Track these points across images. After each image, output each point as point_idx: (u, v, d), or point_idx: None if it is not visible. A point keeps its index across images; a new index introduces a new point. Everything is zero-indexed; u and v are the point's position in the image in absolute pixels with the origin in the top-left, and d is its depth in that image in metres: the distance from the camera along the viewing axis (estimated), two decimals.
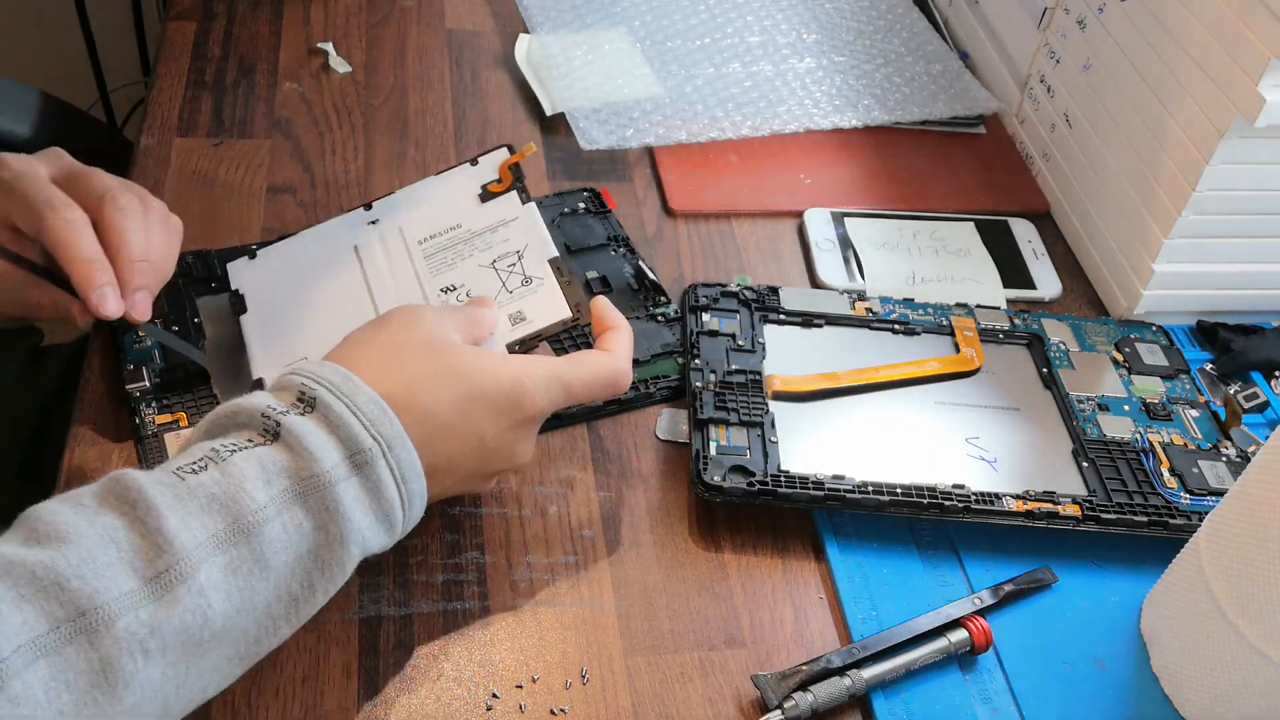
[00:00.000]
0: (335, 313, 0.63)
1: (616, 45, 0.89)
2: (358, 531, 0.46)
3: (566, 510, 0.60)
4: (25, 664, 0.38)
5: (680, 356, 0.66)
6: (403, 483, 0.48)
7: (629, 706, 0.52)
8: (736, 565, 0.59)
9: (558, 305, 0.60)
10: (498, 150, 0.68)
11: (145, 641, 0.40)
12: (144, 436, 0.58)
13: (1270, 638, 0.49)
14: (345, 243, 0.66)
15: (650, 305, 0.69)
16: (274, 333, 0.63)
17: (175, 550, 0.41)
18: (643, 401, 0.64)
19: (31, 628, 0.38)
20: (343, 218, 0.67)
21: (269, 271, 0.66)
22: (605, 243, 0.72)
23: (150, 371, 0.61)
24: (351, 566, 0.47)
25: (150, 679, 0.41)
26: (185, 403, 0.60)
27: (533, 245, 0.63)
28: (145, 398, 0.60)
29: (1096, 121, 0.76)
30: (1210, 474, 0.62)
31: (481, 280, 0.62)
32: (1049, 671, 0.55)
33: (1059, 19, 0.81)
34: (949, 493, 0.59)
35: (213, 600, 0.42)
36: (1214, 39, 0.64)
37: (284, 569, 0.44)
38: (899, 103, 0.87)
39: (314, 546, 0.45)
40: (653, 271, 0.71)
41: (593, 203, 0.75)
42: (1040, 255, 0.78)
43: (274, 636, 0.46)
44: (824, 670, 0.53)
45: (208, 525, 0.43)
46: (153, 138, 0.77)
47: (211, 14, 0.88)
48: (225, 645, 0.43)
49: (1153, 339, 0.71)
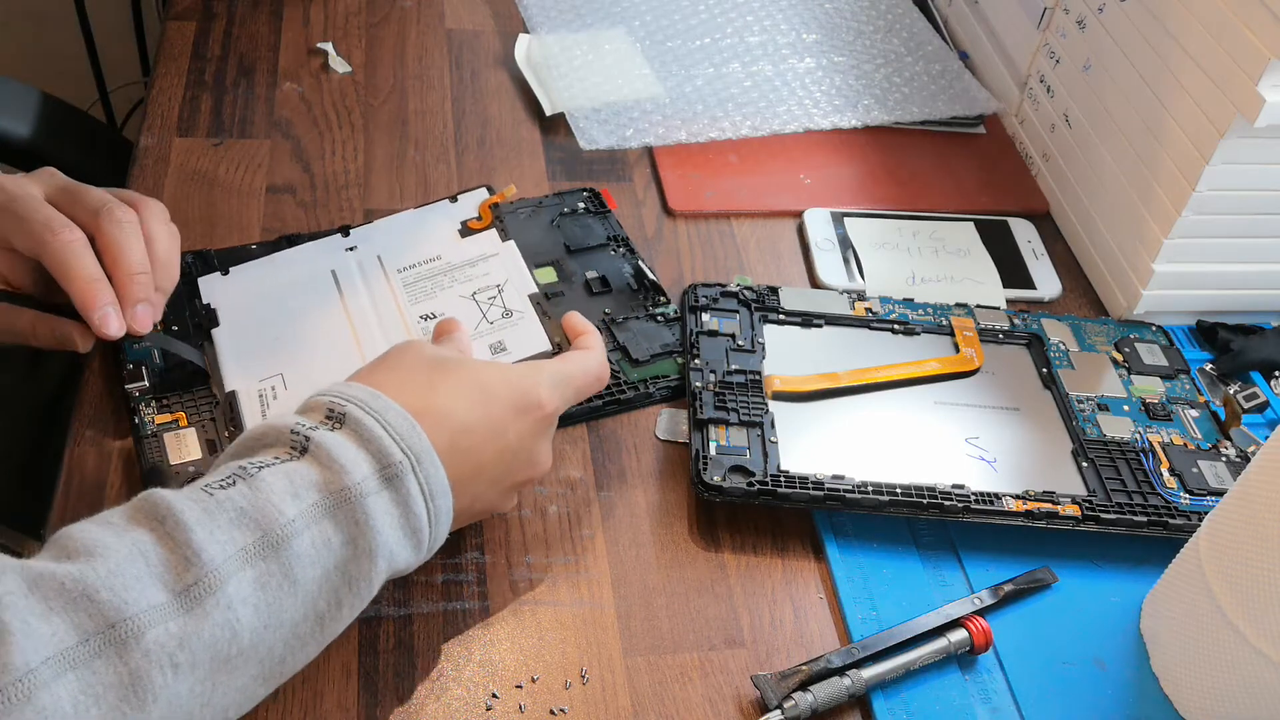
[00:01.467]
0: (311, 332, 0.63)
1: (616, 45, 0.89)
2: (386, 546, 0.46)
3: (566, 510, 0.60)
4: (54, 676, 0.37)
5: (680, 356, 0.66)
6: (430, 499, 0.48)
7: (629, 706, 0.52)
8: (736, 565, 0.59)
9: (538, 338, 0.63)
10: (477, 190, 0.70)
11: (175, 655, 0.40)
12: (143, 436, 0.58)
13: (1270, 638, 0.49)
14: (322, 266, 0.67)
15: (650, 305, 0.69)
16: (246, 348, 0.63)
17: (204, 563, 0.41)
18: (642, 401, 0.64)
19: (61, 639, 0.38)
20: (319, 242, 0.68)
21: (242, 288, 0.66)
22: (605, 242, 0.72)
23: (150, 371, 0.61)
24: (378, 584, 0.47)
25: (178, 694, 0.40)
26: (185, 402, 0.60)
27: (513, 280, 0.65)
28: (144, 397, 0.60)
29: (1096, 122, 0.76)
30: (1210, 474, 0.62)
31: (462, 311, 0.64)
32: (1049, 671, 0.55)
33: (1059, 19, 0.81)
34: (949, 493, 0.59)
35: (241, 615, 0.42)
36: (1214, 39, 0.64)
37: (312, 584, 0.44)
38: (899, 103, 0.87)
39: (342, 561, 0.45)
40: (652, 271, 0.70)
41: (593, 202, 0.75)
42: (1040, 255, 0.78)
43: (298, 656, 0.45)
44: (824, 670, 0.53)
45: (237, 539, 0.43)
46: (152, 138, 0.77)
47: (211, 14, 0.88)
48: (252, 664, 0.43)
49: (1152, 339, 0.71)
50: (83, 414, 0.61)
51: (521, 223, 0.73)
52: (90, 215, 0.57)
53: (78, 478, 0.58)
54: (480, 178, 0.78)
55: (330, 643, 0.47)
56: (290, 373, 0.61)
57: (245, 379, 0.61)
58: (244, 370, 0.61)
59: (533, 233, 0.72)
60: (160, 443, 0.58)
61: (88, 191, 0.58)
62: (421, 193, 0.76)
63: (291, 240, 0.70)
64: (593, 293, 0.69)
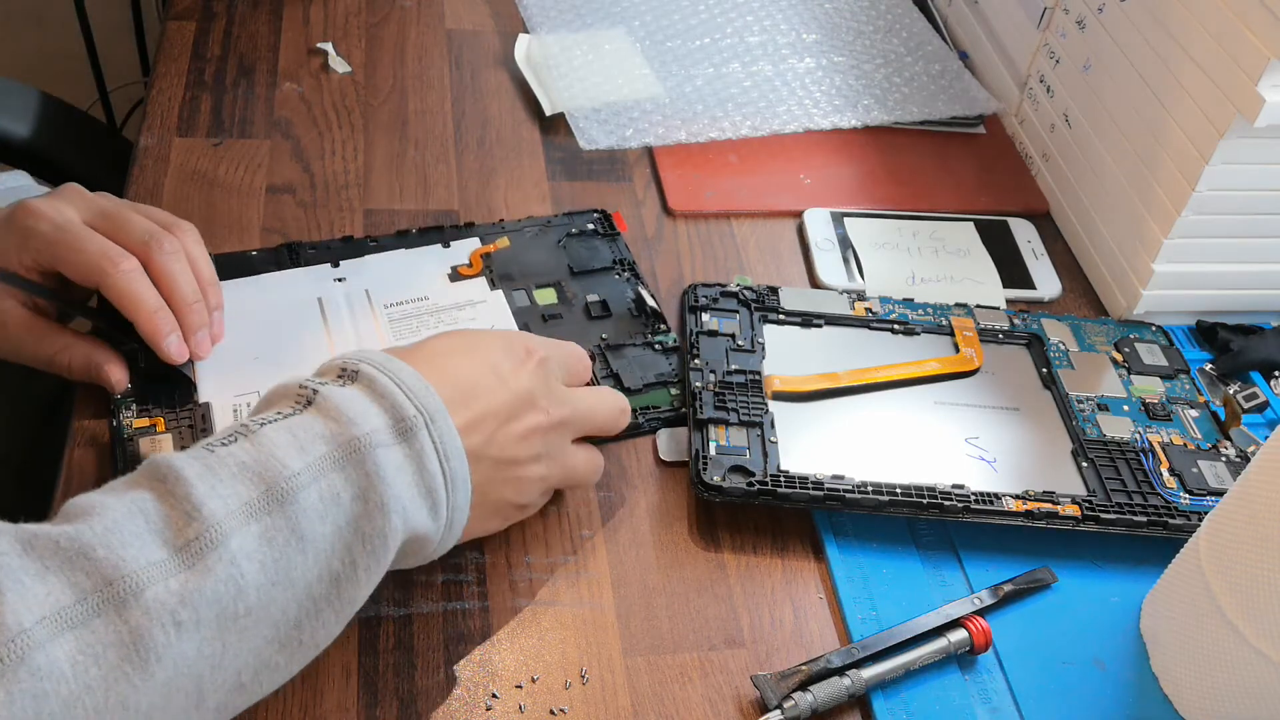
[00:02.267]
0: (292, 355, 0.63)
1: (616, 45, 0.89)
2: (399, 501, 0.45)
3: (566, 510, 0.60)
4: (50, 636, 0.37)
5: (674, 386, 0.65)
6: (445, 459, 0.47)
7: (628, 706, 0.52)
8: (736, 565, 0.59)
9: None
10: (469, 238, 0.71)
11: (176, 612, 0.39)
12: (120, 439, 0.58)
13: (1270, 638, 0.49)
14: (308, 293, 0.67)
15: (648, 332, 0.68)
16: (226, 364, 0.62)
17: (204, 518, 0.41)
18: (632, 432, 0.63)
19: (57, 599, 0.37)
20: (307, 270, 0.68)
21: (227, 306, 0.64)
22: (610, 266, 0.72)
23: (134, 373, 0.61)
24: (395, 543, 0.46)
25: (184, 653, 0.39)
26: (165, 409, 0.60)
27: (500, 328, 0.65)
28: (125, 399, 0.60)
29: (1096, 122, 0.76)
30: (1210, 474, 0.62)
31: None
32: (1048, 672, 0.55)
33: (1059, 19, 0.81)
34: (948, 493, 0.59)
35: (246, 570, 0.41)
36: (1214, 39, 0.64)
37: (323, 541, 0.43)
38: (898, 103, 0.87)
39: (353, 517, 0.44)
40: (654, 298, 0.69)
41: (603, 224, 0.75)
42: (1040, 255, 0.78)
43: (317, 621, 0.44)
44: (823, 670, 0.53)
45: (240, 493, 0.42)
46: (152, 138, 0.77)
47: (211, 14, 0.88)
48: (264, 625, 0.42)
49: (1152, 339, 0.71)
50: (82, 414, 0.61)
51: (527, 241, 0.72)
52: (138, 245, 0.58)
53: (77, 478, 0.58)
54: (480, 178, 0.78)
55: (353, 614, 0.46)
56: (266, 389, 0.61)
57: (221, 393, 0.61)
58: (221, 385, 0.61)
59: (538, 252, 0.72)
60: (136, 447, 0.58)
61: (128, 220, 0.59)
62: (421, 193, 0.76)
63: (291, 248, 0.69)
64: (592, 317, 0.68)
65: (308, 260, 0.69)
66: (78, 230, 0.57)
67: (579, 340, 0.66)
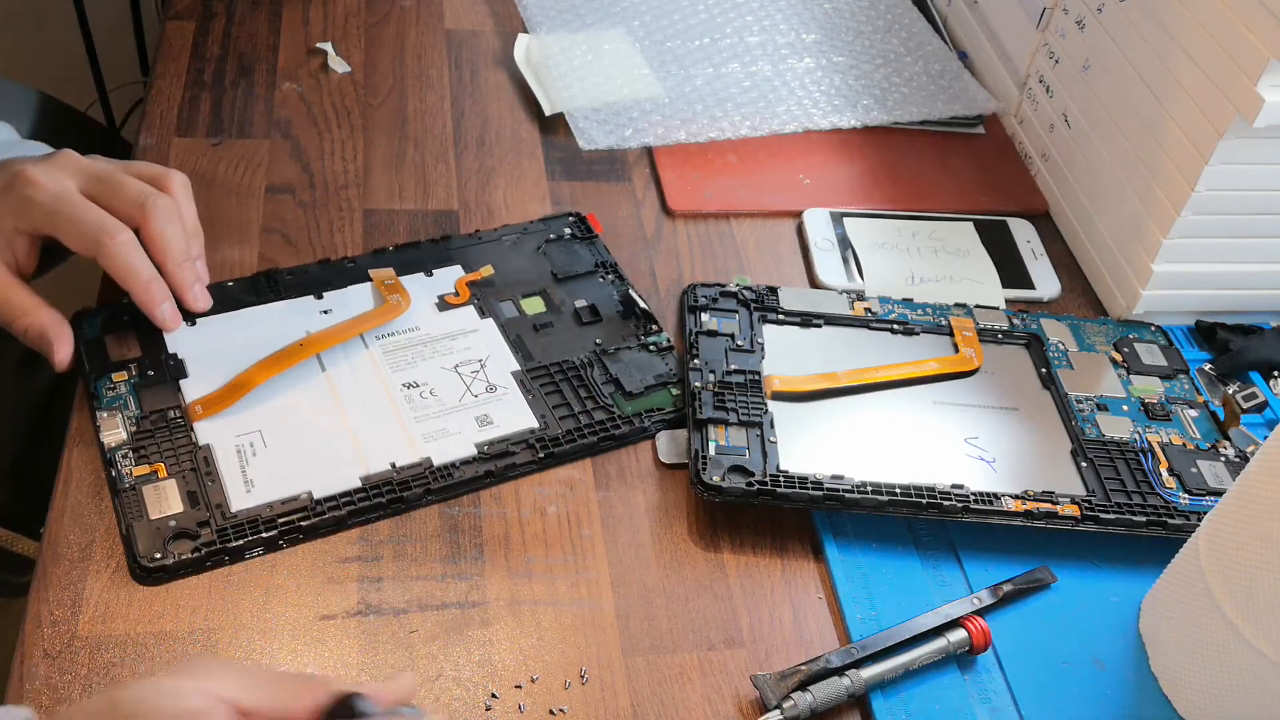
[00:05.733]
0: (286, 390, 0.62)
1: (616, 45, 0.89)
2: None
3: (566, 510, 0.60)
4: None
5: (674, 387, 0.65)
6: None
7: (628, 706, 0.52)
8: (735, 565, 0.59)
9: (523, 413, 0.62)
10: (453, 266, 0.70)
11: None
12: (120, 490, 0.56)
13: (1270, 638, 0.49)
14: (296, 326, 0.65)
15: (641, 334, 0.68)
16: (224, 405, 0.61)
17: None
18: (637, 436, 0.63)
19: None
20: (291, 302, 0.67)
21: (212, 341, 0.64)
22: (593, 269, 0.71)
23: (126, 420, 0.59)
24: None
25: None
26: (164, 452, 0.58)
27: (495, 356, 0.65)
28: (121, 448, 0.58)
29: (1095, 122, 0.76)
30: (1209, 474, 0.62)
31: (445, 382, 0.63)
32: (1048, 671, 0.55)
33: (1058, 19, 0.81)
34: (948, 493, 0.59)
35: None
36: (1213, 39, 0.64)
37: None
38: (898, 103, 0.87)
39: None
40: (642, 299, 0.69)
41: (579, 228, 0.74)
42: (1039, 255, 0.78)
43: None
44: (823, 670, 0.53)
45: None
46: (151, 138, 0.77)
47: (210, 14, 0.88)
48: None
49: (1151, 339, 0.71)
50: (79, 414, 0.60)
51: (506, 250, 0.72)
52: (133, 208, 0.59)
53: (75, 478, 0.58)
54: (480, 178, 0.78)
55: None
56: (269, 429, 0.60)
57: (220, 434, 0.59)
58: (221, 427, 0.60)
59: (518, 260, 0.71)
60: (139, 496, 0.56)
61: (122, 184, 0.60)
62: (421, 193, 0.76)
63: (270, 276, 0.67)
64: (582, 322, 0.68)
65: (288, 288, 0.67)
66: (75, 201, 0.58)
67: (573, 347, 0.66)
